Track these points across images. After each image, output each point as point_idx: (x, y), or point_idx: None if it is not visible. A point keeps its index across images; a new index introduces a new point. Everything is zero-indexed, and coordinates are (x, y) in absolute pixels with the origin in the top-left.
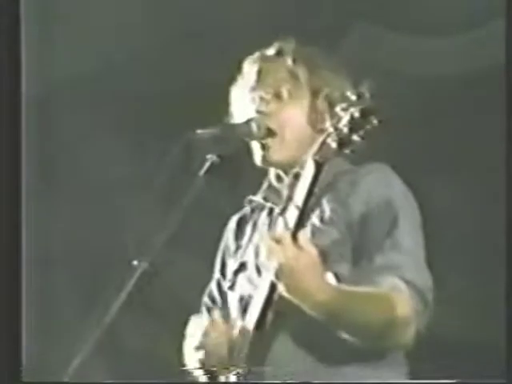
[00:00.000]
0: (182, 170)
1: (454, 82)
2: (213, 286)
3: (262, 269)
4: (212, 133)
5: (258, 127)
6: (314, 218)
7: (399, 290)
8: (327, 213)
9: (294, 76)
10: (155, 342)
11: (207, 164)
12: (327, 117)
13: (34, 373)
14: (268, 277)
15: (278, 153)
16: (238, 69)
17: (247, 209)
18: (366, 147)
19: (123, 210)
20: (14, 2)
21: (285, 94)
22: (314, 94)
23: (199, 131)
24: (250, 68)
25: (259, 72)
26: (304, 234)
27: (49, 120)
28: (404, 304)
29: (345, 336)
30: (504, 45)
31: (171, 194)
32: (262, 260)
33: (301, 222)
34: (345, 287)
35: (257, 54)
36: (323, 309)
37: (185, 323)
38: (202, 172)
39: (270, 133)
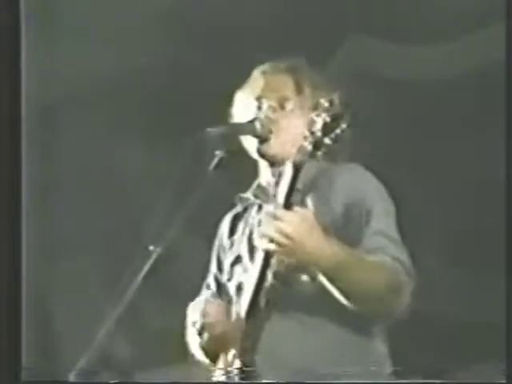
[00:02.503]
0: (193, 164)
1: (450, 86)
2: (210, 280)
3: (254, 254)
4: (220, 131)
5: (262, 126)
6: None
7: (388, 264)
8: (310, 208)
9: (299, 90)
10: (170, 319)
11: (216, 159)
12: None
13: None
14: (259, 261)
15: (274, 147)
16: (242, 75)
17: (239, 208)
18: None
19: (141, 201)
20: (14, 11)
21: (290, 105)
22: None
23: (209, 129)
24: (259, 77)
25: (268, 82)
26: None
27: (67, 119)
28: (395, 275)
29: (343, 299)
30: (496, 49)
31: (184, 185)
32: (256, 242)
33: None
34: (348, 248)
35: (268, 65)
36: (329, 265)
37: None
38: (212, 166)
39: (271, 133)
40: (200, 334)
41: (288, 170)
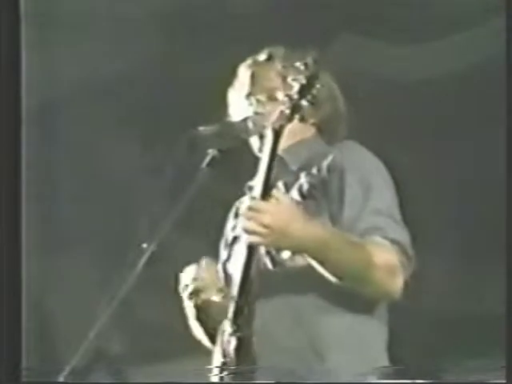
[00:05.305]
0: (186, 163)
1: (446, 83)
2: (219, 267)
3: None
4: (213, 130)
5: (254, 125)
6: (293, 193)
7: (384, 246)
8: (305, 187)
9: (284, 77)
10: (162, 314)
11: (209, 157)
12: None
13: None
14: (245, 242)
15: None
16: (234, 73)
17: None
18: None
19: (135, 199)
20: (14, 10)
21: (279, 96)
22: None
23: (201, 128)
24: (244, 73)
25: (252, 76)
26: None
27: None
28: (388, 255)
29: (335, 279)
30: (495, 46)
31: (177, 183)
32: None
33: (267, 187)
34: (332, 228)
35: (249, 60)
36: (315, 246)
37: None
38: (204, 164)
39: (265, 129)
40: (191, 297)
41: (269, 137)
